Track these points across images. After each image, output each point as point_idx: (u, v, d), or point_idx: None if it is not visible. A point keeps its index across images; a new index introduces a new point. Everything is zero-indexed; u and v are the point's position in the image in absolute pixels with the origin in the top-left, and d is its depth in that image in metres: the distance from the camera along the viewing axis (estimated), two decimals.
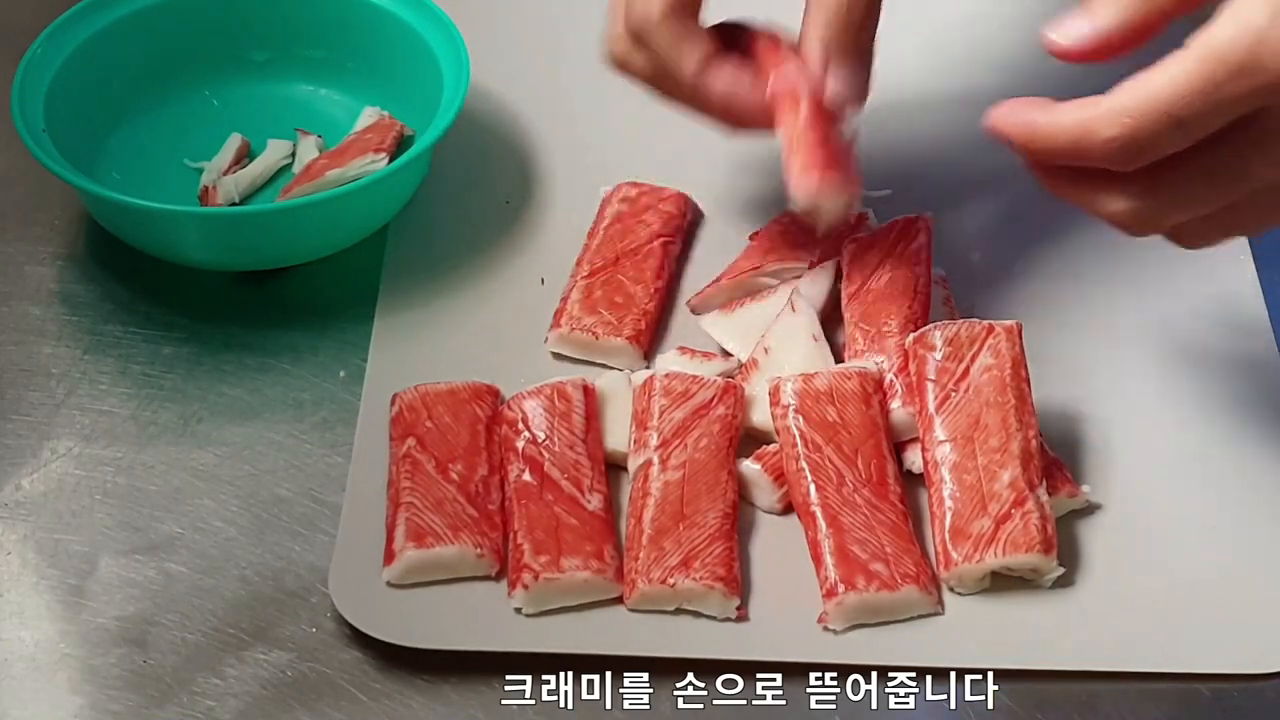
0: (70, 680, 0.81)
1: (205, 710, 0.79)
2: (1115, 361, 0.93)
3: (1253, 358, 0.93)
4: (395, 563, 0.82)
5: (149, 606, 0.83)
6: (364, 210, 0.96)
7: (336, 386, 0.92)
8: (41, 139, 0.94)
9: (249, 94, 1.05)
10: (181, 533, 0.86)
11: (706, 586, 0.81)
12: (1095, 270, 0.97)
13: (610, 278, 0.95)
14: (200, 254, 0.95)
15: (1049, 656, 0.81)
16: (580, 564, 0.82)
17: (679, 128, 1.05)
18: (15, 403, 0.91)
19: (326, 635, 0.82)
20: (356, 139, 1.00)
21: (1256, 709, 0.80)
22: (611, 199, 0.99)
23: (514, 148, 1.04)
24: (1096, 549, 0.85)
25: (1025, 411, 0.84)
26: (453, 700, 0.80)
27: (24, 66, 0.97)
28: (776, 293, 0.93)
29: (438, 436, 0.87)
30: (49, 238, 0.99)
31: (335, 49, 1.04)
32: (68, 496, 0.87)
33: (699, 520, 0.84)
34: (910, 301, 0.89)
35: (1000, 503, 0.82)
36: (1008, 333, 0.86)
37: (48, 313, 0.96)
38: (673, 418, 0.86)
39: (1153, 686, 0.81)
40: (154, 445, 0.89)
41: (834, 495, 0.84)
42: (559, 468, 0.85)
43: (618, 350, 0.92)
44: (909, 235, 0.91)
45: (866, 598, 0.81)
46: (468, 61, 0.98)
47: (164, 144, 1.02)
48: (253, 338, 0.94)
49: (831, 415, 0.85)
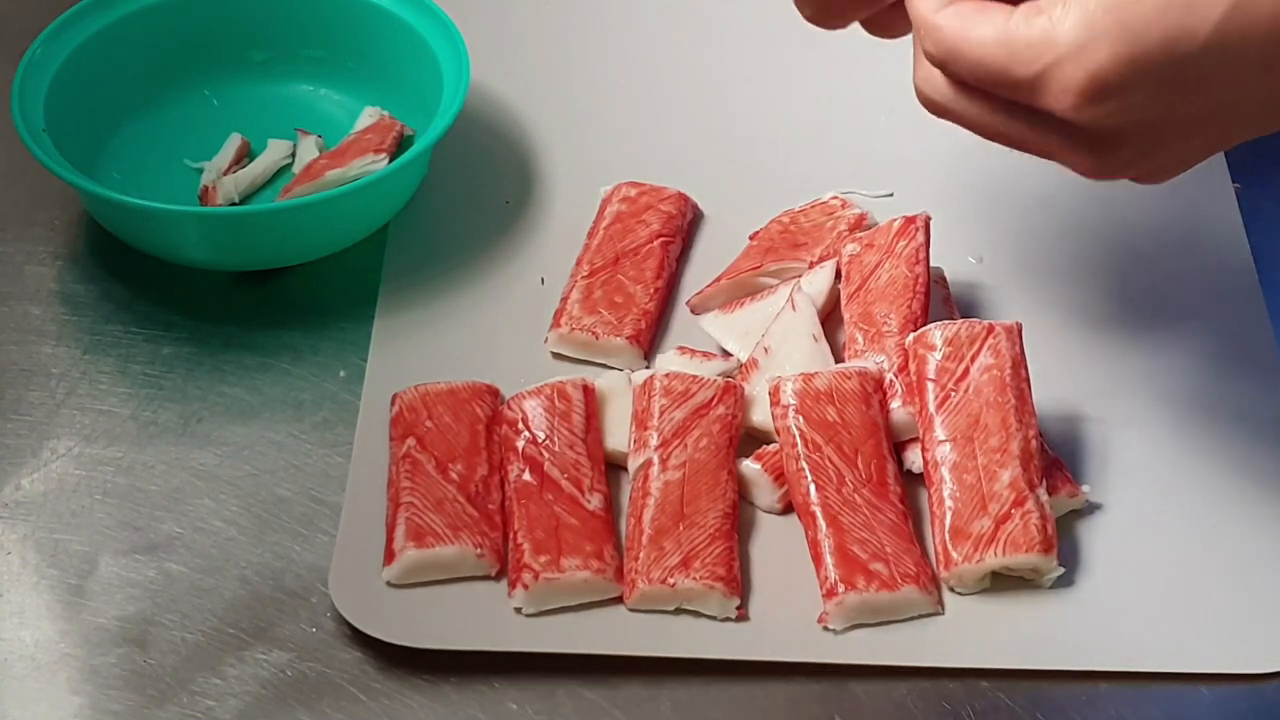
0: (70, 680, 0.81)
1: (205, 710, 0.79)
2: (1115, 361, 0.93)
3: (1253, 358, 0.93)
4: (395, 562, 0.82)
5: (149, 606, 0.83)
6: (364, 210, 0.96)
7: (336, 386, 0.92)
8: (41, 139, 0.94)
9: (249, 94, 1.05)
10: (181, 533, 0.86)
11: (706, 586, 0.81)
12: (1095, 270, 0.97)
13: (610, 278, 0.95)
14: (200, 254, 0.95)
15: (1049, 656, 0.81)
16: (580, 564, 0.82)
17: (679, 128, 1.05)
18: (15, 403, 0.91)
19: (326, 635, 0.82)
20: (356, 139, 1.00)
21: (1256, 709, 0.80)
22: (611, 199, 0.99)
23: (514, 148, 1.04)
24: (1096, 549, 0.85)
25: (1025, 411, 0.84)
26: (453, 700, 0.80)
27: (24, 66, 0.97)
28: (776, 293, 0.93)
29: (438, 436, 0.87)
30: (49, 238, 0.99)
31: (335, 49, 1.04)
32: (68, 496, 0.87)
33: (699, 520, 0.84)
34: (910, 301, 0.89)
35: (1000, 503, 0.82)
36: (1008, 333, 0.86)
37: (48, 313, 0.96)
38: (673, 418, 0.86)
39: (1153, 686, 0.81)
40: (154, 445, 0.89)
41: (834, 495, 0.84)
42: (559, 467, 0.85)
43: (618, 350, 0.92)
44: (908, 235, 0.91)
45: (866, 598, 0.81)
46: (468, 61, 0.98)
47: (164, 144, 1.02)
48: (253, 338, 0.94)
49: (831, 415, 0.85)
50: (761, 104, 1.07)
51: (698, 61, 1.09)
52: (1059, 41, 0.70)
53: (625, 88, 1.08)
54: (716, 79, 1.08)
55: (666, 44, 1.11)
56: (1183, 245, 0.98)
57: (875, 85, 1.04)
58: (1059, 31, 0.70)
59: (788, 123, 1.05)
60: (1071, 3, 0.70)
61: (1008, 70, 0.71)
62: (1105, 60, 0.69)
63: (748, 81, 1.08)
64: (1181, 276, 0.96)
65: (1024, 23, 0.71)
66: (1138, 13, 0.69)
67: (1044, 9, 0.71)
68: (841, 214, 0.97)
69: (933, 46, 0.74)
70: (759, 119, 1.06)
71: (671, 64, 1.09)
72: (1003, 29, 0.71)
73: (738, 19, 1.12)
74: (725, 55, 1.10)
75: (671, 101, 1.07)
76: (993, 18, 0.72)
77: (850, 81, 1.06)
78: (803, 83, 1.08)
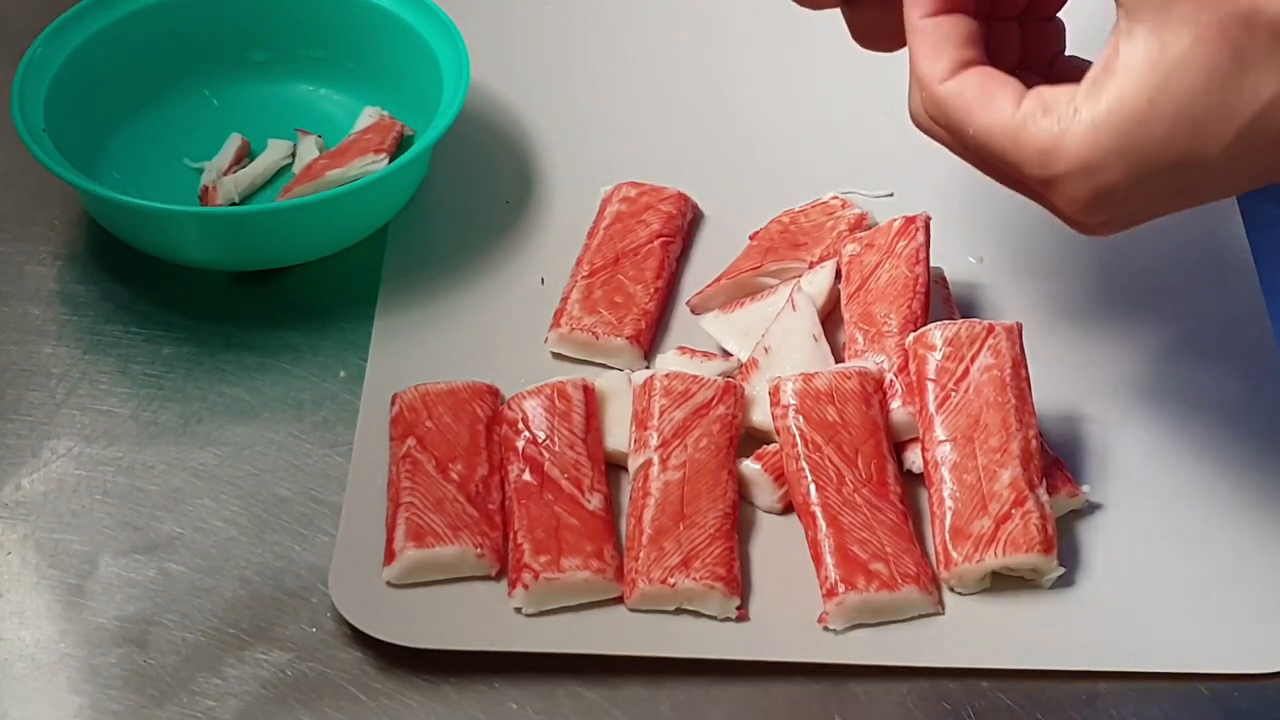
0: (70, 680, 0.81)
1: (205, 710, 0.79)
2: (1115, 361, 0.93)
3: (1252, 357, 0.93)
4: (395, 562, 0.82)
5: (149, 606, 0.83)
6: (364, 210, 0.96)
7: (336, 386, 0.92)
8: (41, 139, 0.94)
9: (249, 94, 1.05)
10: (181, 532, 0.86)
11: (706, 586, 0.81)
12: (1095, 270, 0.97)
13: (610, 278, 0.95)
14: (200, 254, 0.95)
15: (1049, 656, 0.81)
16: (580, 564, 0.82)
17: (679, 128, 1.05)
18: (15, 403, 0.91)
19: (326, 635, 0.82)
20: (356, 139, 1.00)
21: (1256, 709, 0.80)
22: (611, 199, 0.99)
23: (514, 148, 1.04)
24: (1096, 549, 0.85)
25: (1025, 411, 0.84)
26: (453, 700, 0.80)
27: (24, 66, 0.97)
28: (776, 293, 0.93)
29: (438, 436, 0.87)
30: (49, 238, 0.99)
31: (335, 49, 1.04)
32: (68, 496, 0.87)
33: (699, 520, 0.84)
34: (910, 301, 0.89)
35: (1000, 503, 0.82)
36: (1008, 333, 0.86)
37: (48, 313, 0.96)
38: (673, 418, 0.86)
39: (1153, 686, 0.81)
40: (154, 445, 0.89)
41: (834, 495, 0.84)
42: (559, 467, 0.85)
43: (618, 350, 0.92)
44: (908, 235, 0.91)
45: (867, 597, 0.81)
46: (468, 61, 0.98)
47: (164, 144, 1.02)
48: (253, 338, 0.94)
49: (831, 415, 0.85)
50: (761, 104, 1.07)
51: (698, 61, 1.09)
52: (1067, 155, 0.71)
53: (625, 88, 1.08)
54: (716, 79, 1.08)
55: (666, 44, 1.11)
56: (1183, 245, 0.98)
57: (875, 85, 1.03)
58: (1068, 143, 0.70)
59: (788, 123, 1.05)
60: (1081, 107, 0.70)
61: (1012, 162, 0.72)
62: (1113, 179, 0.70)
63: (748, 81, 1.08)
64: (1182, 276, 0.96)
65: (1032, 123, 0.71)
66: (1145, 137, 0.69)
67: (1050, 108, 0.71)
68: (841, 214, 0.97)
69: (935, 112, 0.74)
70: (759, 119, 1.06)
71: (671, 64, 1.09)
72: (1009, 124, 0.72)
73: (738, 19, 1.12)
74: (725, 55, 1.10)
75: (671, 101, 1.07)
76: (998, 106, 0.72)
77: (850, 81, 1.06)
78: (803, 83, 1.08)
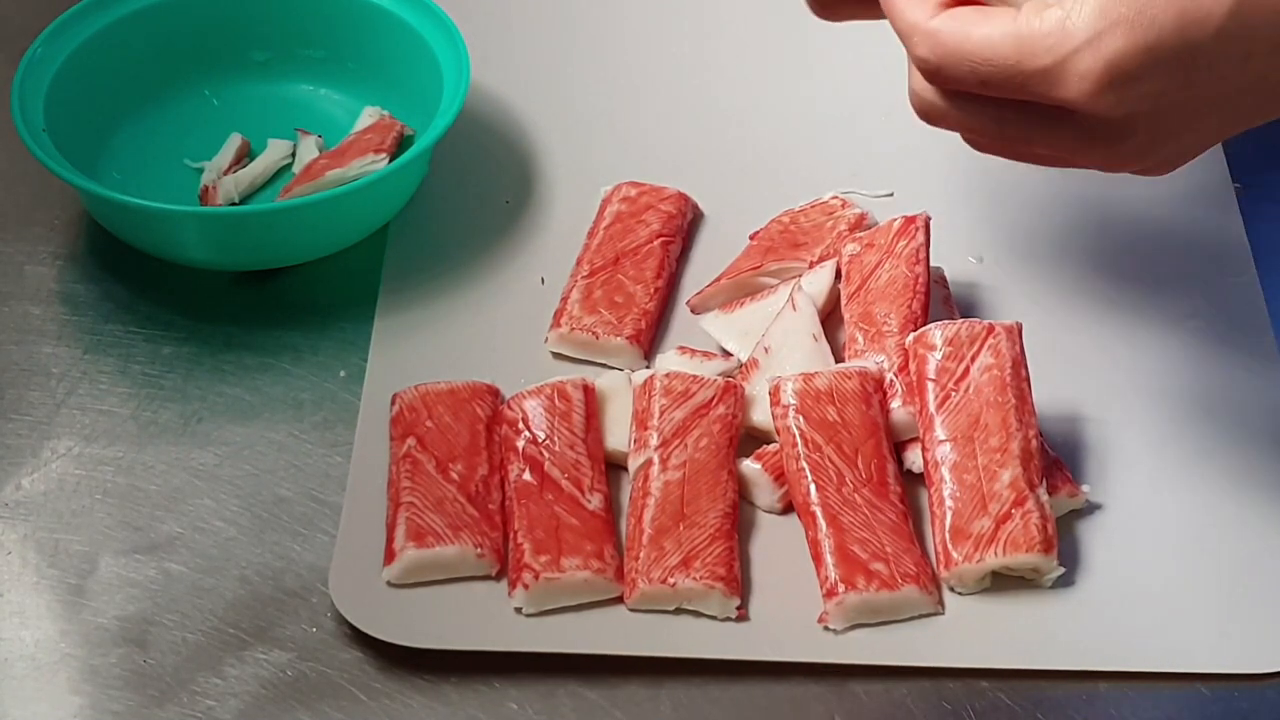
0: (70, 680, 0.81)
1: (205, 710, 0.79)
2: (1115, 361, 0.93)
3: (1253, 358, 0.93)
4: (395, 562, 0.82)
5: (149, 606, 0.83)
6: (364, 210, 0.96)
7: (336, 386, 0.92)
8: (41, 139, 0.94)
9: (249, 94, 1.05)
10: (181, 532, 0.86)
11: (706, 586, 0.81)
12: (1095, 270, 0.97)
13: (610, 277, 0.95)
14: (200, 254, 0.95)
15: (1049, 656, 0.81)
16: (580, 564, 0.82)
17: (679, 128, 1.05)
18: (15, 403, 0.91)
19: (326, 635, 0.82)
20: (356, 139, 1.00)
21: (1256, 709, 0.80)
22: (611, 199, 0.99)
23: (514, 148, 1.04)
24: (1096, 549, 0.85)
25: (1025, 411, 0.84)
26: (453, 700, 0.80)
27: (24, 66, 0.97)
28: (776, 292, 0.93)
29: (438, 436, 0.87)
30: (49, 238, 0.99)
31: (335, 49, 1.04)
32: (68, 496, 0.87)
33: (699, 520, 0.84)
34: (910, 301, 0.89)
35: (1000, 502, 0.82)
36: (1008, 333, 0.86)
37: (48, 313, 0.96)
38: (673, 417, 0.86)
39: (1153, 686, 0.81)
40: (154, 445, 0.89)
41: (834, 495, 0.84)
42: (559, 467, 0.85)
43: (618, 350, 0.92)
44: (908, 235, 0.91)
45: (867, 597, 0.81)
46: (468, 61, 0.98)
47: (164, 144, 1.02)
48: (253, 338, 0.94)
49: (832, 415, 0.85)
50: (761, 104, 1.07)
51: (698, 61, 1.09)
52: (1075, 31, 0.71)
53: (625, 88, 1.08)
54: (716, 79, 1.08)
55: (666, 44, 1.11)
56: (1183, 245, 0.98)
57: (875, 85, 1.04)
58: (1074, 21, 0.71)
59: (788, 123, 1.05)
60: None
61: (1019, 65, 0.72)
62: (1122, 47, 0.70)
63: (748, 81, 1.08)
64: (1182, 276, 0.96)
65: (1036, 18, 0.72)
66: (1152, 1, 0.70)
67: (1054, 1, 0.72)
68: (841, 214, 0.97)
69: (929, 52, 0.74)
70: (759, 119, 1.06)
71: (671, 64, 1.09)
72: (1012, 25, 0.72)
73: (738, 19, 1.12)
74: (725, 55, 1.10)
75: (671, 101, 1.07)
76: (997, 17, 0.73)
77: (850, 81, 1.06)
78: (803, 83, 1.08)
